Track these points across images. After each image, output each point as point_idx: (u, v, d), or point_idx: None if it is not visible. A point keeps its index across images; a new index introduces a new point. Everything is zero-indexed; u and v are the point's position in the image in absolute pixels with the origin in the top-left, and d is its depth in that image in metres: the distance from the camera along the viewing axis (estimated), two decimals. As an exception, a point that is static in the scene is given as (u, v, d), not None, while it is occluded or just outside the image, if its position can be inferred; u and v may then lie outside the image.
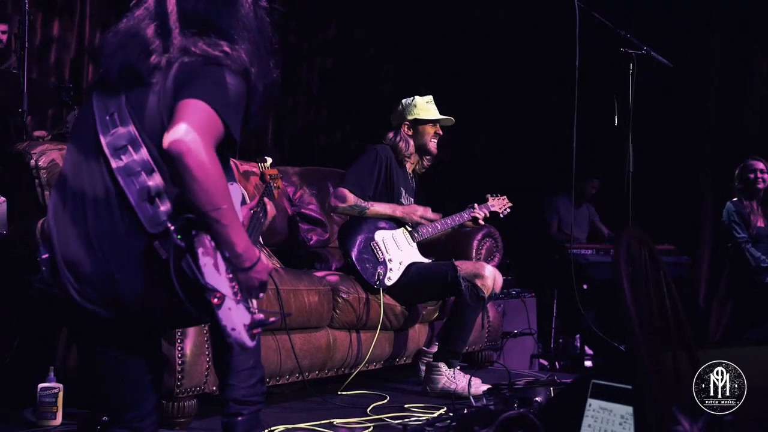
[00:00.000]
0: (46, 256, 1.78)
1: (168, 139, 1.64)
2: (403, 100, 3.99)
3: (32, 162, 2.99)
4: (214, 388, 2.92)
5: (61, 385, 2.77)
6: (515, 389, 2.80)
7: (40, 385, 2.76)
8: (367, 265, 3.67)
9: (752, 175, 5.23)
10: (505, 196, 4.18)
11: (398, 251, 3.77)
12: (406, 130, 3.92)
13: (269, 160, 3.17)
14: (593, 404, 2.08)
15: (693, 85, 6.21)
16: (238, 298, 1.68)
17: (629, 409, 1.99)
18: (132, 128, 1.77)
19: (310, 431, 2.90)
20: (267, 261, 1.87)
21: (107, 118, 1.81)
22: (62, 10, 5.02)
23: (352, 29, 6.84)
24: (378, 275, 3.64)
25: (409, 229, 3.86)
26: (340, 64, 6.78)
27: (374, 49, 6.97)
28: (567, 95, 3.33)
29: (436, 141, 3.97)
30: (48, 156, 3.04)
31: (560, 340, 5.83)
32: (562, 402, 2.30)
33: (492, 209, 4.09)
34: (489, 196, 4.15)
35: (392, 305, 3.71)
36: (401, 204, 3.87)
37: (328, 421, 3.02)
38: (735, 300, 5.61)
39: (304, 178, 4.53)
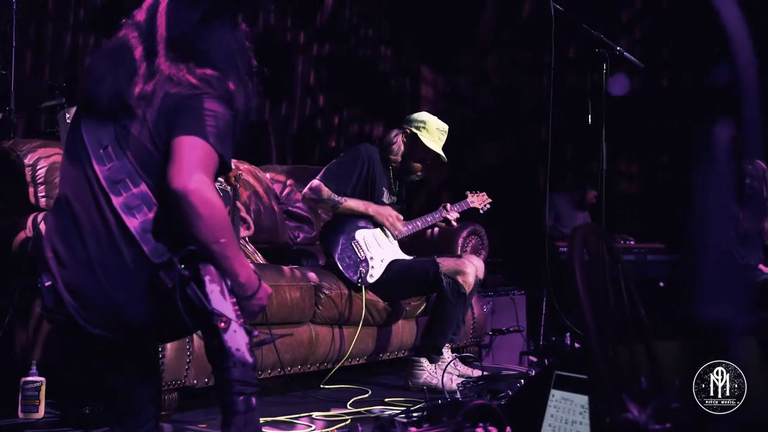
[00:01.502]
0: (49, 284, 1.86)
1: (172, 180, 1.73)
2: (422, 113, 4.01)
3: (19, 159, 3.07)
4: (195, 381, 2.98)
5: (43, 379, 2.83)
6: (488, 382, 2.87)
7: (23, 379, 2.82)
8: (349, 264, 3.73)
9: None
10: (484, 193, 4.24)
11: (379, 249, 3.83)
12: (403, 137, 3.95)
13: None
14: (556, 394, 2.15)
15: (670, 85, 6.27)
16: (241, 321, 1.78)
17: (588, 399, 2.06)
18: (128, 162, 1.85)
19: (289, 424, 2.96)
20: (266, 286, 1.97)
21: (101, 151, 1.87)
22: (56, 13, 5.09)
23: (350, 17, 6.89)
24: (360, 273, 3.70)
25: (384, 227, 3.92)
26: (336, 51, 6.81)
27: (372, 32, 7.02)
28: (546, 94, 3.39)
29: (421, 166, 3.99)
30: (35, 154, 3.12)
31: (553, 338, 5.88)
32: (527, 393, 2.36)
33: (471, 206, 4.15)
34: (468, 192, 4.21)
35: (375, 301, 3.77)
36: (382, 203, 3.92)
37: (308, 414, 3.08)
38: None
39: (292, 176, 4.60)
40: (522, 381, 2.76)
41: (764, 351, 2.23)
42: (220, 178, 3.71)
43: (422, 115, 3.96)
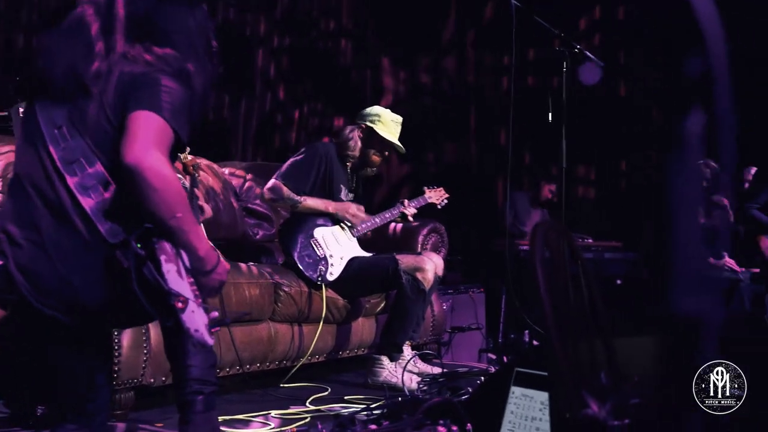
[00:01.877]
0: (1, 263, 1.81)
1: (125, 154, 1.69)
2: (374, 106, 4.01)
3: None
4: (152, 380, 2.94)
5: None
6: (448, 379, 2.86)
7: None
8: (309, 262, 3.70)
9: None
10: (441, 188, 4.25)
11: (339, 246, 3.81)
12: (359, 132, 3.94)
13: (187, 149, 3.18)
14: (516, 391, 2.15)
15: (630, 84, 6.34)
16: (199, 301, 1.74)
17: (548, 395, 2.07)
18: (83, 142, 1.81)
19: (247, 423, 2.93)
20: (225, 262, 1.94)
21: (56, 131, 1.83)
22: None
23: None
24: (320, 272, 3.68)
25: (348, 224, 3.90)
26: (297, 44, 6.77)
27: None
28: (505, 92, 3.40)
29: (380, 159, 4.00)
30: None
31: (511, 336, 5.92)
32: (487, 390, 2.36)
33: (429, 201, 4.15)
34: (426, 188, 4.22)
35: (334, 299, 3.75)
36: (340, 200, 3.90)
37: (266, 412, 3.05)
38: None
39: (251, 173, 4.55)
40: (482, 378, 2.76)
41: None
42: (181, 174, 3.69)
43: (375, 109, 3.98)
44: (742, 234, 5.50)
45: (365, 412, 2.56)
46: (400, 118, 3.96)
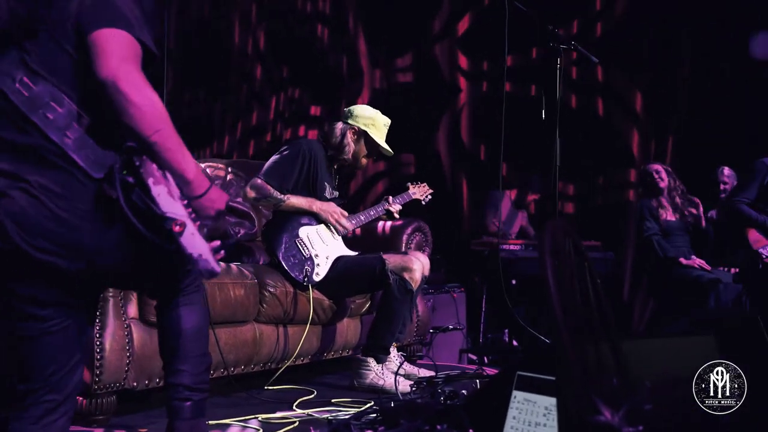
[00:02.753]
0: None
1: (99, 70, 1.64)
2: (365, 107, 3.92)
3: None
4: (135, 383, 2.84)
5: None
6: (442, 383, 2.80)
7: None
8: (294, 263, 3.62)
9: (652, 177, 5.49)
10: (425, 183, 4.19)
11: (324, 246, 3.73)
12: (352, 135, 3.85)
13: None
14: (518, 396, 2.09)
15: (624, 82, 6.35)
16: (198, 224, 1.66)
17: (553, 401, 2.01)
18: (47, 85, 1.72)
19: (234, 426, 2.85)
20: (221, 191, 1.84)
21: (16, 85, 1.73)
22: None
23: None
24: (306, 272, 3.60)
25: (328, 224, 3.82)
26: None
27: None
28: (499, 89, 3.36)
29: (367, 161, 3.96)
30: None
31: (488, 336, 5.89)
32: (487, 394, 2.30)
33: (413, 197, 4.10)
34: (410, 184, 4.16)
35: (320, 299, 3.67)
36: (325, 199, 3.82)
37: (253, 416, 2.97)
38: (651, 293, 5.76)
39: (233, 171, 4.45)
40: (477, 381, 2.70)
41: None
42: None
43: (367, 110, 3.88)
44: (712, 234, 5.52)
45: (359, 418, 2.48)
46: (389, 121, 3.91)
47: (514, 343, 5.79)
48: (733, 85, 5.95)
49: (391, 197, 4.02)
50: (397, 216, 4.02)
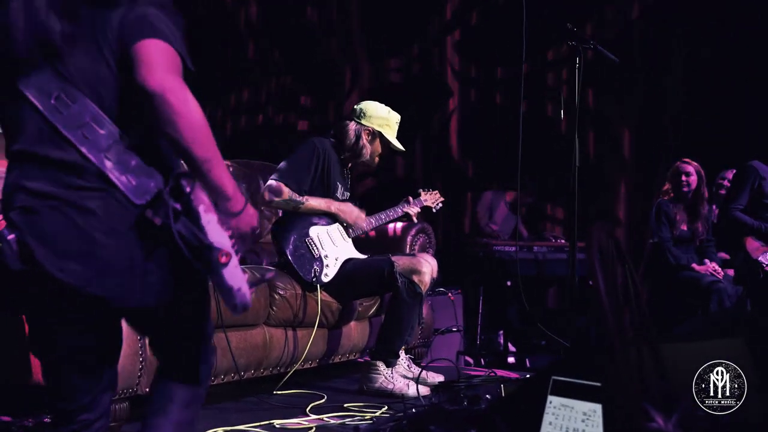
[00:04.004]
0: (12, 237, 1.61)
1: (146, 81, 1.57)
2: (377, 105, 3.85)
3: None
4: (148, 389, 2.76)
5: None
6: (465, 387, 2.75)
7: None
8: (303, 262, 3.56)
9: (682, 178, 5.32)
10: (437, 191, 4.15)
11: (334, 247, 3.67)
12: (366, 136, 3.79)
13: None
14: (554, 401, 2.04)
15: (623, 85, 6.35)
16: (239, 256, 1.61)
17: (592, 406, 1.96)
18: (87, 102, 1.63)
19: (249, 433, 2.79)
20: (254, 208, 1.78)
21: (53, 102, 1.64)
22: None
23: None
24: (314, 272, 3.54)
25: (344, 224, 3.77)
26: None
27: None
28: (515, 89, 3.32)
29: (379, 160, 3.91)
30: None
31: (482, 337, 5.86)
32: (520, 399, 2.25)
33: (425, 203, 4.05)
34: (421, 190, 4.11)
35: (329, 302, 3.61)
36: (337, 199, 3.76)
37: (267, 422, 2.91)
38: (652, 295, 5.76)
39: (233, 172, 4.38)
40: (502, 386, 2.66)
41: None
42: None
43: (379, 109, 3.82)
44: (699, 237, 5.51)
45: (386, 424, 2.42)
46: (399, 117, 3.87)
47: (509, 344, 5.77)
48: (731, 85, 5.97)
49: (411, 198, 3.98)
50: (415, 219, 3.97)
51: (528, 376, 3.55)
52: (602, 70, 4.67)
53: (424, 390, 3.40)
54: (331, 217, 3.72)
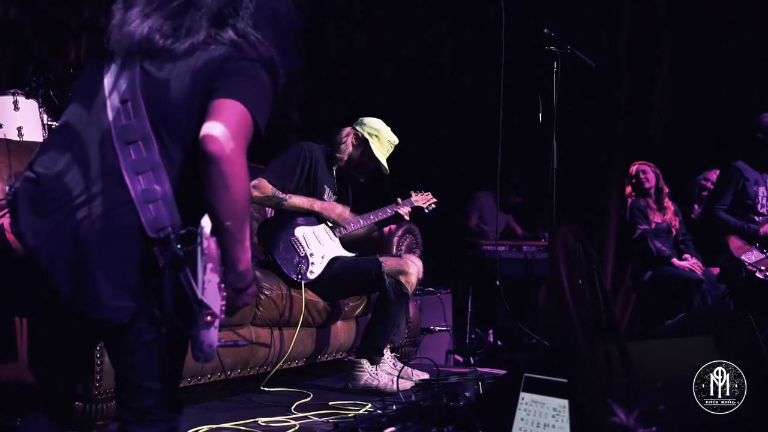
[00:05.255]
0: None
1: (209, 142, 1.57)
2: (377, 120, 3.93)
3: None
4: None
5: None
6: (444, 385, 2.81)
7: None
8: (289, 261, 3.62)
9: (638, 179, 5.58)
10: (429, 192, 4.19)
11: (320, 246, 3.73)
12: (353, 138, 3.87)
13: None
14: (526, 397, 2.10)
15: (608, 86, 6.40)
16: (222, 318, 1.61)
17: (562, 402, 2.02)
18: (146, 123, 1.67)
19: (235, 431, 2.84)
20: (255, 285, 1.81)
21: (120, 105, 1.69)
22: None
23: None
24: (300, 270, 3.60)
25: (330, 224, 3.82)
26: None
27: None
28: (493, 93, 3.37)
29: (364, 171, 3.95)
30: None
31: (472, 336, 5.91)
32: (494, 395, 2.31)
33: (416, 204, 4.09)
34: (412, 192, 4.15)
35: (315, 301, 3.67)
36: (323, 200, 3.82)
37: (252, 420, 2.96)
38: (638, 291, 5.83)
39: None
40: (479, 383, 2.73)
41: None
42: None
43: (377, 123, 3.90)
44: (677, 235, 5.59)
45: (365, 421, 2.48)
46: (396, 140, 3.92)
47: (499, 342, 5.82)
48: (715, 87, 6.03)
49: (400, 199, 4.03)
50: (407, 219, 4.02)
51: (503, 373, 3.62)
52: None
53: (405, 387, 3.45)
54: (318, 217, 3.77)
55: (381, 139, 3.86)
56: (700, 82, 6.13)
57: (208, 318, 1.56)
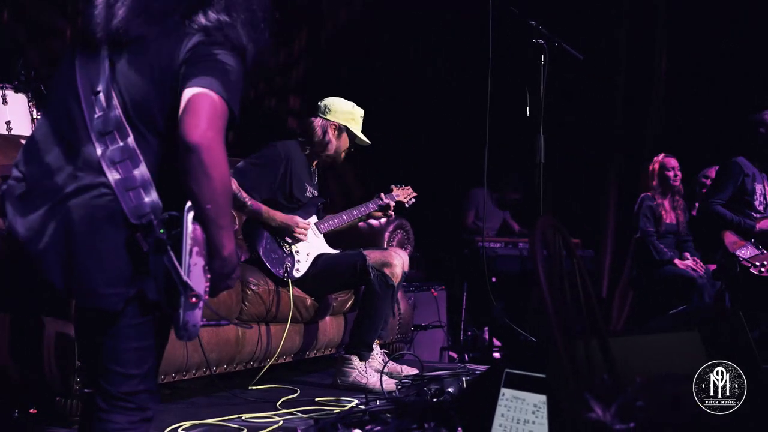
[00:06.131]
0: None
1: (188, 132, 1.59)
2: (341, 100, 3.84)
3: None
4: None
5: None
6: (427, 380, 2.78)
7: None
8: (274, 258, 3.59)
9: (671, 173, 5.45)
10: (409, 186, 4.16)
11: (305, 243, 3.70)
12: (333, 131, 3.79)
13: None
14: (506, 393, 2.08)
15: (602, 80, 6.36)
16: (206, 299, 1.64)
17: (541, 398, 2.00)
18: (119, 112, 1.68)
19: (218, 427, 2.81)
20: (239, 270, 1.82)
21: (92, 97, 1.70)
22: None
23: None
24: (286, 268, 3.57)
25: (315, 221, 3.79)
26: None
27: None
28: (480, 86, 3.33)
29: (346, 154, 3.90)
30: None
31: (468, 333, 5.89)
32: (475, 391, 2.28)
33: (397, 199, 4.05)
34: (393, 186, 4.11)
35: (302, 298, 3.64)
36: (307, 198, 3.77)
37: (237, 416, 2.94)
38: (636, 290, 5.80)
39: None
40: (464, 379, 2.69)
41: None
42: None
43: (344, 104, 3.82)
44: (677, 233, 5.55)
45: (346, 417, 2.45)
46: (363, 111, 3.87)
47: (494, 340, 5.80)
48: (713, 83, 6.00)
49: (383, 194, 3.99)
50: (391, 213, 3.99)
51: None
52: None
53: (391, 383, 3.42)
54: (305, 214, 3.74)
55: (355, 118, 3.81)
56: (699, 80, 6.10)
57: (193, 300, 1.59)
